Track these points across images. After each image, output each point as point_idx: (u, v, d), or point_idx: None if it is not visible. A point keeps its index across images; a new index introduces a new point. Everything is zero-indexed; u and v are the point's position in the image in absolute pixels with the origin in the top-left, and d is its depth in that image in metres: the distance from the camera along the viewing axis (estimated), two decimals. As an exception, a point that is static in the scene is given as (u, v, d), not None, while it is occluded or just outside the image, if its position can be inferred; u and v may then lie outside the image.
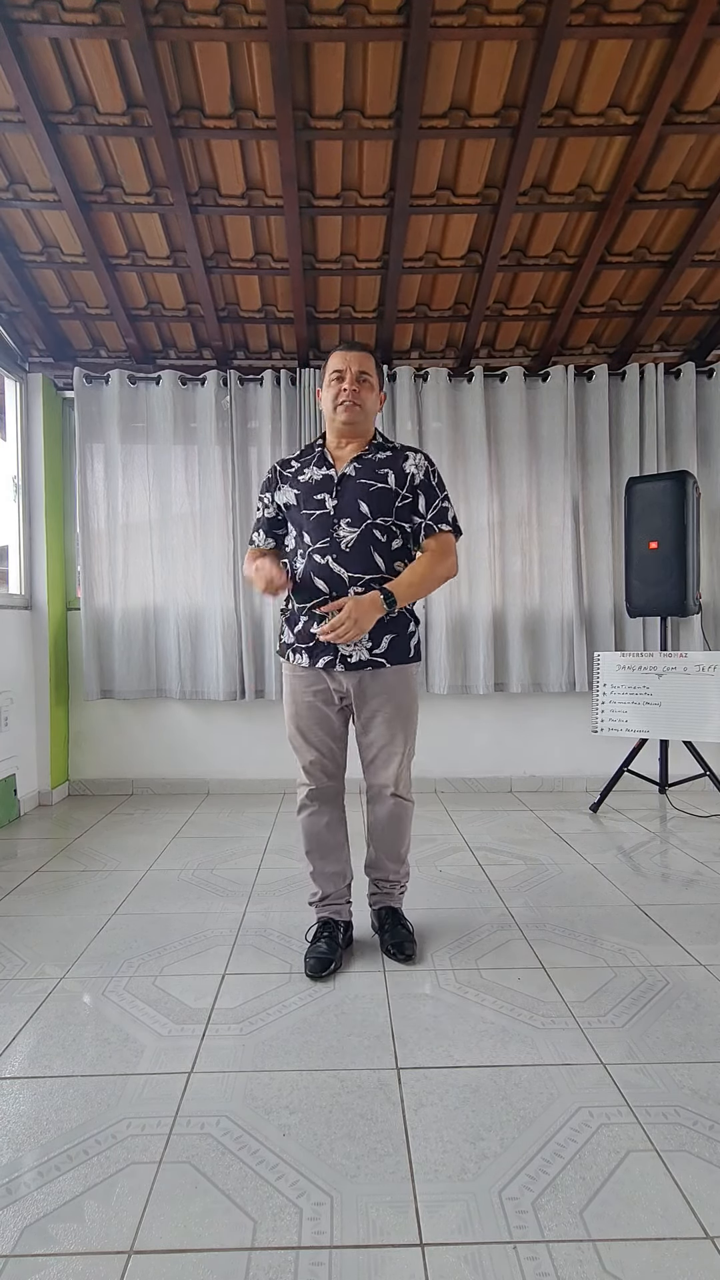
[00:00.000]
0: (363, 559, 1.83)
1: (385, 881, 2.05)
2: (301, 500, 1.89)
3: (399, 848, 2.02)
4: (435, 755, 3.81)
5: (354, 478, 1.87)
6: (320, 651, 1.86)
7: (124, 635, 3.68)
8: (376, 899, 2.07)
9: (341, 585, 1.82)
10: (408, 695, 1.93)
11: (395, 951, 1.94)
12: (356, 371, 1.85)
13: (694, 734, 3.20)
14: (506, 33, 2.30)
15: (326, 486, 1.87)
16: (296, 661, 1.91)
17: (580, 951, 2.00)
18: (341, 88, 2.48)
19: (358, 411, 1.86)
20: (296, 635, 1.91)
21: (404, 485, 1.88)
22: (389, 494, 1.86)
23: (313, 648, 1.87)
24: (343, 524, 1.84)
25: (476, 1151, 1.25)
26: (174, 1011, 1.71)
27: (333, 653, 1.85)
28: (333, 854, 1.99)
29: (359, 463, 1.88)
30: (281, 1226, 1.11)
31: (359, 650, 1.85)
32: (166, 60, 2.40)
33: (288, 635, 1.95)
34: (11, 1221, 1.12)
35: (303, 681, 1.91)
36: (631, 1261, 1.04)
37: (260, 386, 3.71)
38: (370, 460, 1.89)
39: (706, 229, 2.99)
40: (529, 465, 3.75)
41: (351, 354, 1.87)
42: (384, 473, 1.88)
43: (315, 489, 1.88)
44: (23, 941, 2.09)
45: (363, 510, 1.84)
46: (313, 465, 1.92)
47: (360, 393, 1.85)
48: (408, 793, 2.00)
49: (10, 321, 3.49)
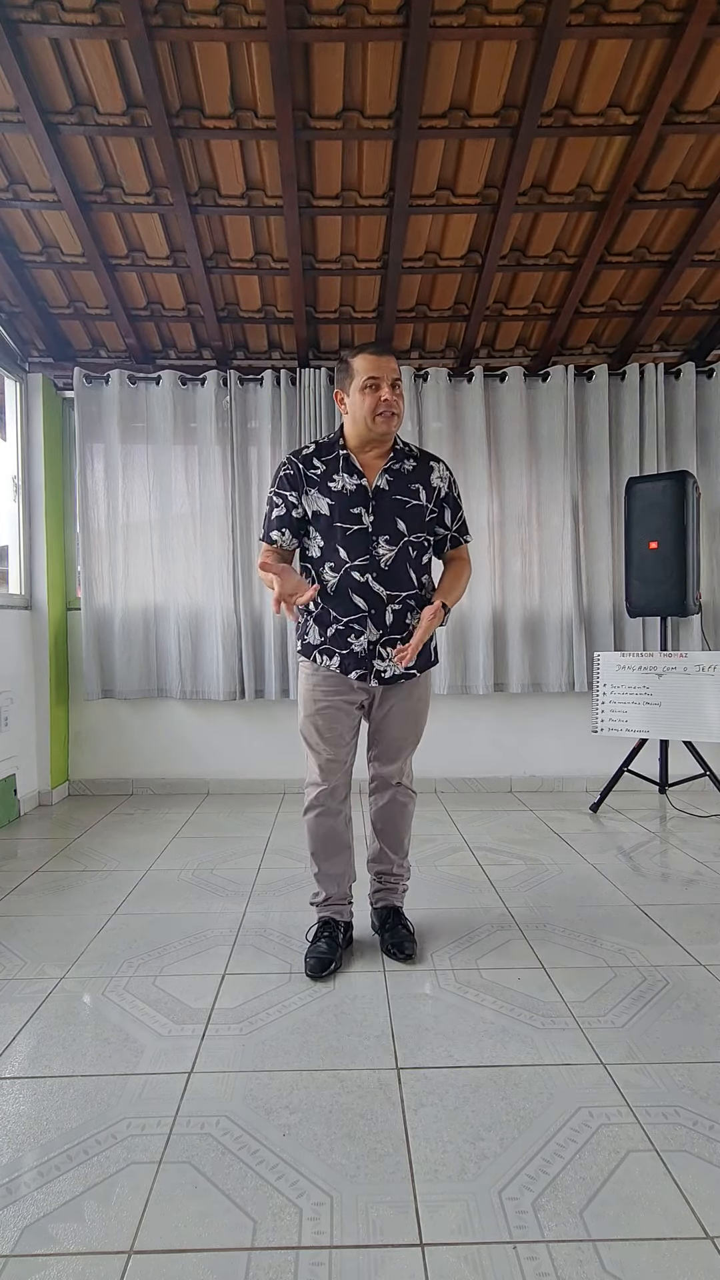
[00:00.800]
0: (400, 577, 1.85)
1: (389, 876, 2.05)
2: (336, 512, 1.83)
3: (402, 838, 2.04)
4: (435, 755, 3.78)
5: (389, 492, 1.85)
6: (353, 664, 1.85)
7: (124, 635, 3.68)
8: (379, 896, 2.07)
9: (380, 603, 1.83)
10: (425, 695, 1.98)
11: (395, 951, 1.94)
12: (392, 379, 1.80)
13: (694, 734, 3.20)
14: (506, 33, 2.30)
15: (362, 500, 1.83)
16: (325, 665, 1.88)
17: (580, 951, 2.00)
18: (341, 88, 2.48)
19: (396, 422, 1.82)
20: (330, 639, 1.86)
21: (432, 499, 1.89)
22: (421, 509, 1.87)
23: (347, 655, 1.85)
24: (381, 541, 1.83)
25: (476, 1151, 1.25)
26: (174, 1011, 1.71)
27: (367, 667, 1.85)
28: (339, 855, 1.99)
29: (391, 475, 1.85)
30: (281, 1226, 1.11)
31: (394, 665, 1.85)
32: (166, 60, 2.40)
33: (314, 635, 1.89)
34: (11, 1221, 1.12)
35: (329, 683, 1.89)
36: (631, 1261, 1.04)
37: (260, 386, 3.71)
38: (400, 472, 1.87)
39: (706, 229, 2.99)
40: (529, 465, 3.75)
41: (385, 360, 1.80)
42: (415, 487, 1.87)
43: (350, 501, 1.83)
44: (23, 941, 2.09)
45: (400, 528, 1.84)
46: (341, 472, 1.85)
47: (397, 401, 1.80)
48: (412, 783, 2.04)
49: (10, 321, 3.49)
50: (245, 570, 3.69)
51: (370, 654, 1.85)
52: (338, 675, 1.87)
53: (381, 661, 1.85)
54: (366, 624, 1.84)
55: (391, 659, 1.84)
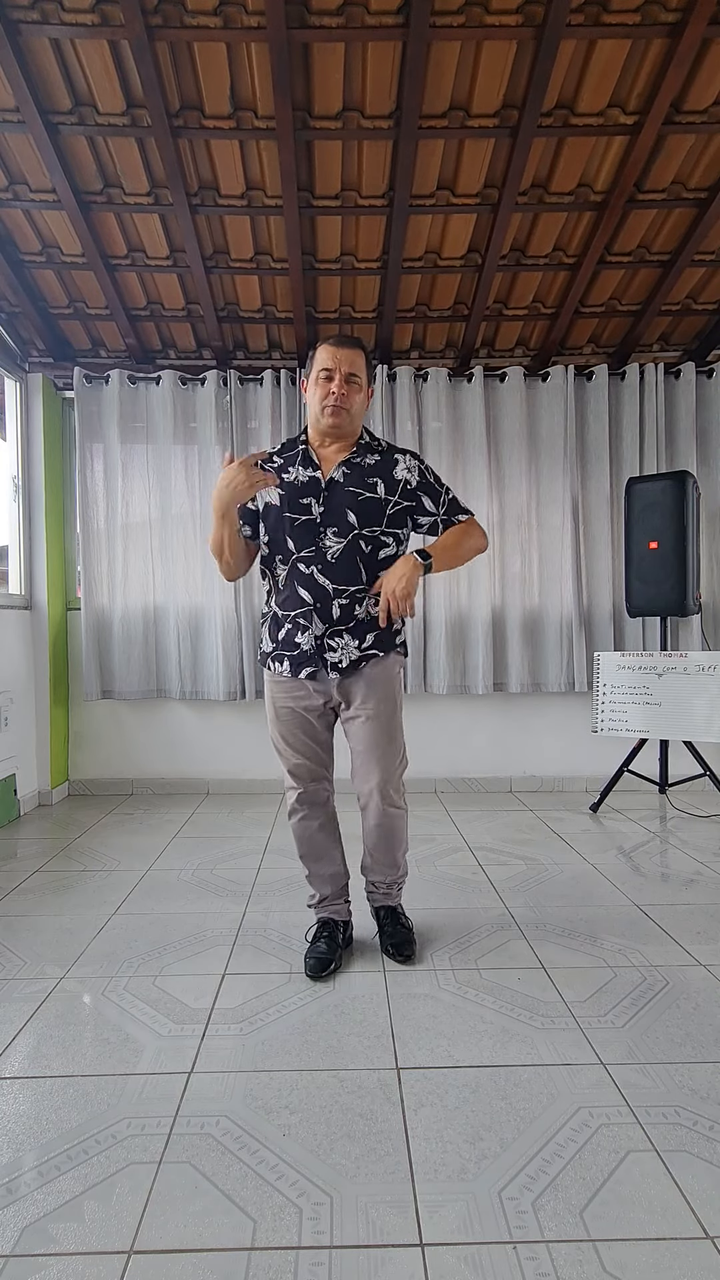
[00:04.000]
0: (348, 570, 1.79)
1: (382, 883, 2.01)
2: (286, 502, 1.80)
3: (394, 854, 1.96)
4: (435, 755, 3.81)
5: (342, 484, 1.80)
6: (302, 662, 1.80)
7: (124, 635, 3.68)
8: (374, 898, 2.04)
9: (325, 596, 1.78)
10: (390, 688, 1.85)
11: (394, 952, 1.92)
12: (346, 372, 1.76)
13: (694, 734, 3.20)
14: (506, 33, 2.30)
15: (313, 490, 1.80)
16: (278, 671, 1.85)
17: (580, 951, 2.00)
18: (341, 88, 2.48)
19: (344, 416, 1.78)
20: (280, 643, 1.84)
21: (395, 492, 1.82)
22: (378, 503, 1.80)
23: (296, 656, 1.81)
24: (329, 533, 1.78)
25: (476, 1151, 1.25)
26: (174, 1011, 1.71)
27: (318, 662, 1.80)
28: (327, 856, 1.98)
29: (347, 467, 1.81)
30: (281, 1226, 1.11)
31: (347, 653, 1.79)
32: (166, 60, 2.40)
33: (267, 643, 1.88)
34: (11, 1221, 1.12)
35: (283, 688, 1.86)
36: (631, 1261, 1.04)
37: (260, 386, 3.71)
38: (359, 465, 1.82)
39: (706, 229, 2.99)
40: (529, 465, 3.75)
41: (342, 352, 1.77)
42: (373, 481, 1.81)
43: (300, 492, 1.80)
44: (23, 941, 2.09)
45: (350, 520, 1.78)
46: (298, 464, 1.82)
47: (349, 395, 1.77)
48: (399, 797, 1.89)
49: (10, 321, 3.49)
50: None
51: (318, 649, 1.79)
52: (290, 680, 1.83)
53: (333, 653, 1.79)
54: (312, 618, 1.78)
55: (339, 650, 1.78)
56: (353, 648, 1.80)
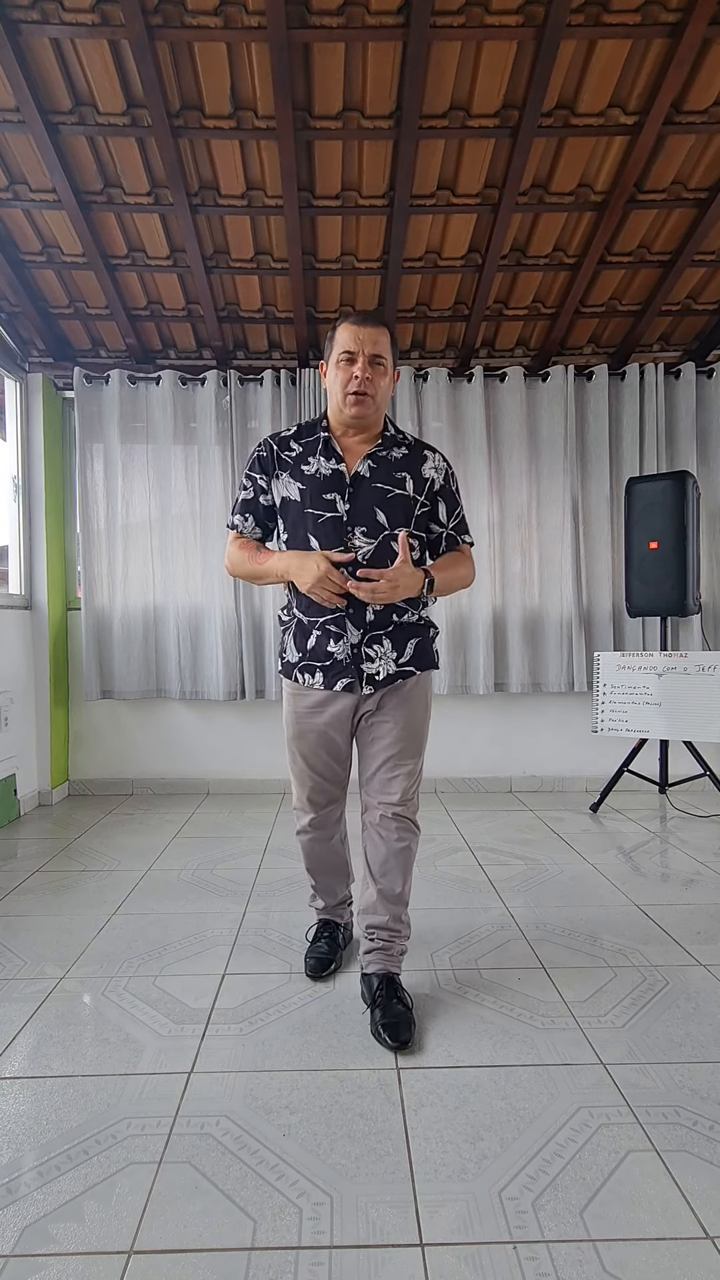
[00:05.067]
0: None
1: (383, 931, 1.71)
2: (307, 497, 1.64)
3: (401, 886, 1.70)
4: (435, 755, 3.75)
5: (369, 479, 1.63)
6: (338, 673, 1.63)
7: (124, 635, 3.68)
8: (370, 958, 1.72)
9: (355, 601, 1.59)
10: (423, 704, 1.71)
11: (389, 1035, 1.55)
12: (370, 354, 1.58)
13: (694, 734, 3.20)
14: (506, 33, 2.30)
15: (337, 485, 1.63)
16: (308, 683, 1.67)
17: (580, 951, 2.00)
18: (341, 88, 2.48)
19: (369, 405, 1.60)
20: (309, 652, 1.66)
21: (423, 491, 1.67)
22: (407, 501, 1.65)
23: (330, 667, 1.63)
24: (358, 533, 1.61)
25: (476, 1151, 1.25)
26: (174, 1011, 1.71)
27: (354, 674, 1.63)
28: (336, 870, 1.94)
29: (373, 461, 1.65)
30: (281, 1226, 1.11)
31: (385, 664, 1.63)
32: (166, 60, 2.40)
33: (293, 653, 1.70)
34: (11, 1221, 1.12)
35: (310, 702, 1.69)
36: (631, 1261, 1.04)
37: (260, 386, 3.70)
38: (385, 459, 1.66)
39: (706, 229, 2.99)
40: (529, 465, 3.75)
41: (365, 330, 1.59)
42: (402, 476, 1.65)
43: (324, 486, 1.63)
44: (23, 941, 2.09)
45: (380, 519, 1.62)
46: (318, 455, 1.65)
47: (374, 380, 1.59)
48: (415, 816, 1.71)
49: (10, 321, 3.49)
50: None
51: (355, 658, 1.62)
52: (323, 693, 1.66)
53: (370, 663, 1.62)
54: (345, 625, 1.61)
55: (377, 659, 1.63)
56: (391, 659, 1.64)
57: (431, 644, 1.73)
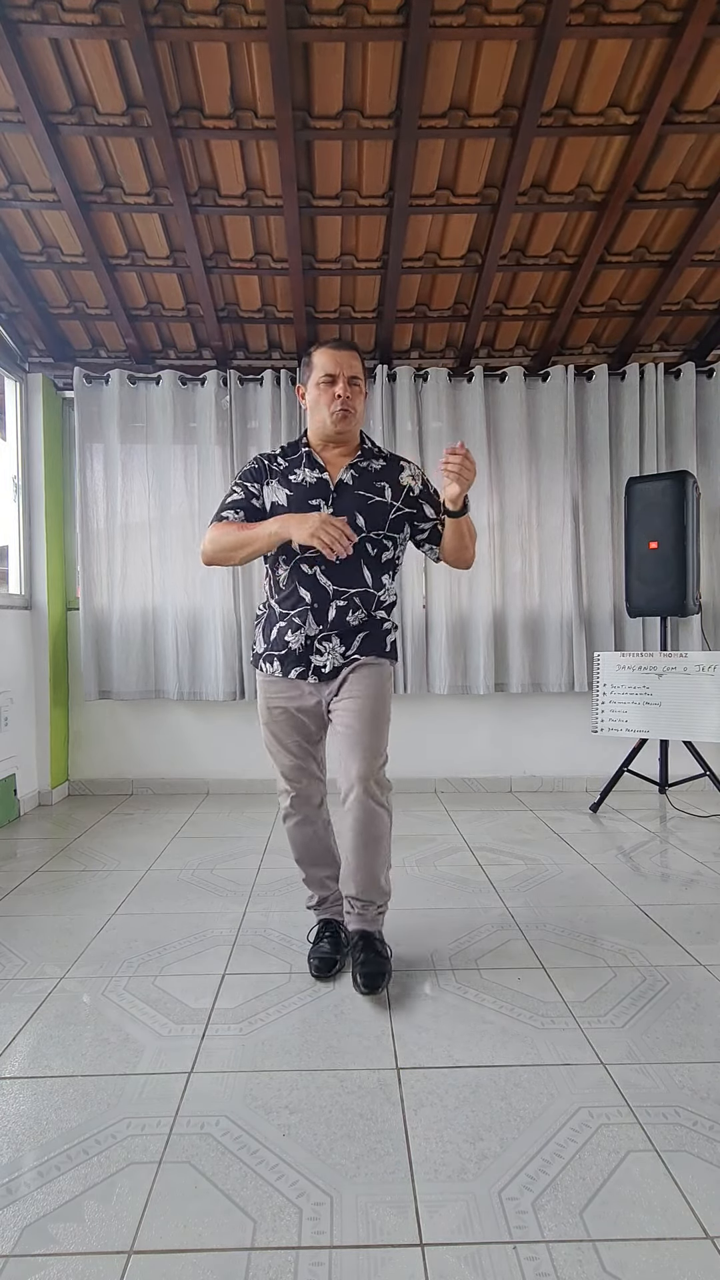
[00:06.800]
0: (352, 573, 1.79)
1: (357, 901, 1.83)
2: (293, 504, 1.79)
3: (374, 866, 1.79)
4: (435, 755, 3.81)
5: (351, 487, 1.81)
6: (291, 662, 1.81)
7: (123, 635, 3.68)
8: (350, 919, 1.87)
9: (324, 597, 1.78)
10: (376, 683, 1.81)
11: (362, 982, 1.74)
12: (349, 376, 1.78)
13: (694, 734, 3.20)
14: (506, 33, 2.30)
15: (321, 492, 1.80)
16: (269, 671, 1.86)
17: (580, 951, 2.00)
18: (341, 88, 2.48)
19: (351, 420, 1.79)
20: (271, 643, 1.85)
21: (399, 498, 1.84)
22: (384, 507, 1.81)
23: (284, 655, 1.82)
24: None
25: (476, 1151, 1.25)
26: (174, 1011, 1.71)
27: (304, 664, 1.81)
28: (323, 858, 1.96)
29: (355, 471, 1.82)
30: (281, 1226, 1.11)
31: (332, 658, 1.80)
32: (166, 60, 2.40)
33: (260, 643, 1.89)
34: (11, 1221, 1.12)
35: (276, 688, 1.86)
36: (631, 1261, 1.04)
37: (260, 386, 3.70)
38: (366, 470, 1.84)
39: (706, 229, 2.99)
40: (529, 465, 3.75)
41: (342, 354, 1.78)
42: (380, 485, 1.83)
43: (309, 493, 1.80)
44: (23, 941, 2.09)
45: (359, 523, 1.78)
46: (303, 467, 1.83)
47: (354, 398, 1.78)
48: (382, 796, 1.78)
49: (10, 321, 3.49)
50: (244, 570, 3.69)
51: (307, 649, 1.80)
52: (282, 680, 1.84)
53: (319, 656, 1.79)
54: (306, 618, 1.78)
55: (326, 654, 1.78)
56: (339, 654, 1.80)
57: (385, 636, 1.87)
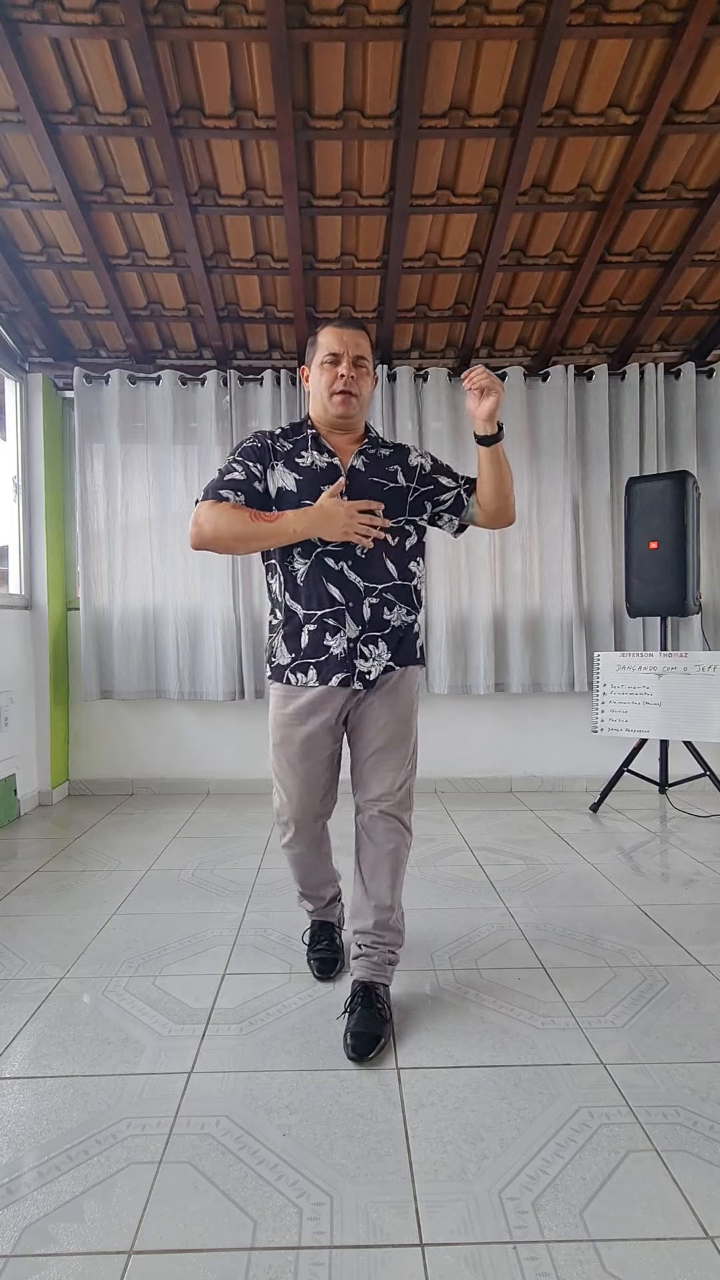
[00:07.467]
0: (378, 566, 1.63)
1: (366, 937, 1.66)
2: (304, 489, 1.61)
3: (389, 891, 1.65)
4: (435, 755, 3.80)
5: (365, 473, 1.65)
6: (333, 668, 1.60)
7: (123, 635, 3.68)
8: (356, 964, 1.68)
9: (357, 595, 1.60)
10: (408, 696, 1.69)
11: (350, 1047, 1.51)
12: (354, 355, 1.63)
13: (694, 734, 3.20)
14: (506, 32, 2.30)
15: (334, 478, 1.62)
16: (301, 682, 1.63)
17: (580, 951, 2.00)
18: (341, 88, 2.48)
19: (354, 404, 1.63)
20: (304, 650, 1.63)
21: (413, 479, 1.69)
22: (401, 491, 1.67)
23: (324, 661, 1.60)
24: None
25: (476, 1151, 1.25)
26: (174, 1011, 1.71)
27: (348, 669, 1.60)
28: (325, 876, 1.92)
29: (366, 457, 1.67)
30: (281, 1226, 1.11)
31: (376, 664, 1.62)
32: (166, 60, 2.40)
33: (284, 655, 1.66)
34: (11, 1221, 1.12)
35: (301, 705, 1.64)
36: (631, 1261, 1.04)
37: (260, 386, 3.70)
38: (376, 456, 1.68)
39: (706, 229, 2.99)
40: (529, 465, 3.75)
41: (348, 333, 1.64)
42: (394, 470, 1.68)
43: (321, 478, 1.62)
44: (23, 941, 2.09)
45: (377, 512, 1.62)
46: (310, 450, 1.65)
47: (358, 380, 1.63)
48: (407, 816, 1.67)
49: (10, 321, 3.49)
50: (244, 570, 3.69)
51: (351, 654, 1.60)
52: (316, 691, 1.63)
53: (365, 661, 1.61)
54: (344, 619, 1.60)
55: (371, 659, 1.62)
56: (384, 660, 1.63)
57: (415, 640, 1.72)
